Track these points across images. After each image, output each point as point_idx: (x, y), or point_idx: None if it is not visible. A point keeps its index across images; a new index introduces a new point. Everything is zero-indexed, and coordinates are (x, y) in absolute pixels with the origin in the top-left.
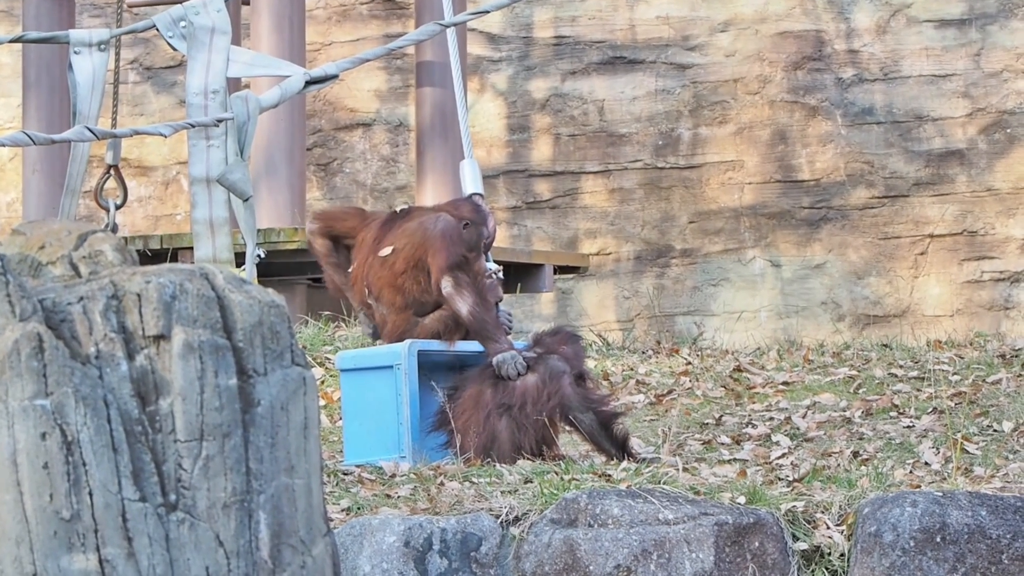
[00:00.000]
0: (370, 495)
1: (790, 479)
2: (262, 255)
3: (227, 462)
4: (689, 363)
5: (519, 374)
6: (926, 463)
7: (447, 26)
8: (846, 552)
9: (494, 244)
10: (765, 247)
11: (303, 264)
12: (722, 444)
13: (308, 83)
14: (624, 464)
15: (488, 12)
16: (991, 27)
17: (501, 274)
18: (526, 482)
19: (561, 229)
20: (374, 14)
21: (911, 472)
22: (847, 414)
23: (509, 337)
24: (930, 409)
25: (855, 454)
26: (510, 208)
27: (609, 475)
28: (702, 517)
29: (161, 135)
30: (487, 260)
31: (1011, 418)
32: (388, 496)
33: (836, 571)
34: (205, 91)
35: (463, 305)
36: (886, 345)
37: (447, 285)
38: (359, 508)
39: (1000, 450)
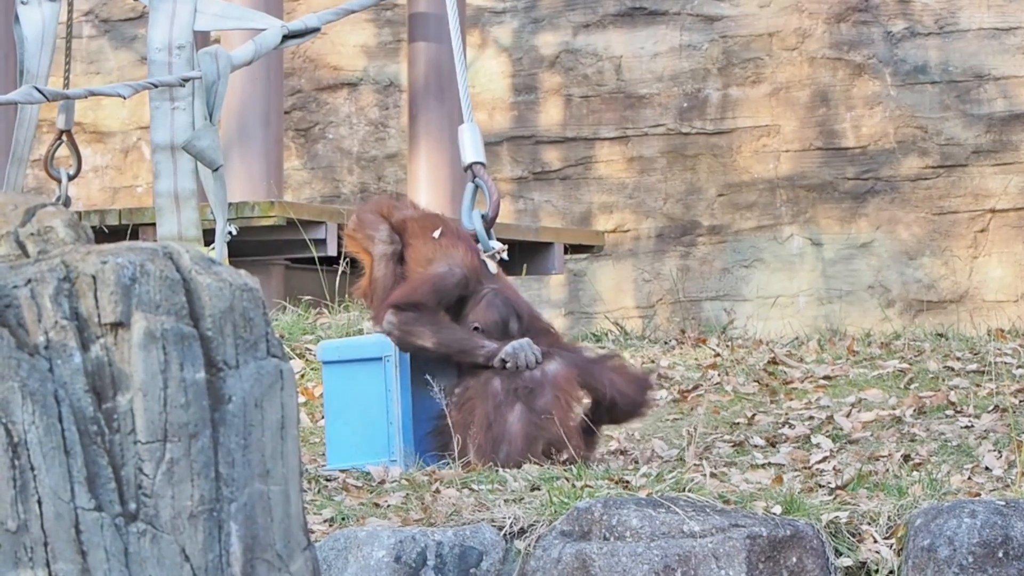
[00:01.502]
0: (356, 504)
1: (832, 486)
2: (233, 232)
3: (194, 466)
4: (718, 355)
5: (537, 361)
6: (986, 468)
7: None
8: (896, 569)
9: (497, 220)
10: (804, 223)
11: (280, 243)
12: (755, 446)
13: (286, 37)
14: (644, 469)
15: None
16: None
17: (505, 254)
18: (533, 489)
19: (572, 203)
20: None
21: (969, 478)
22: (897, 413)
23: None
24: (991, 407)
25: (906, 458)
26: (515, 179)
27: (627, 481)
28: (732, 529)
29: (120, 96)
30: (490, 238)
31: None
32: (376, 505)
33: None
34: (169, 46)
35: (424, 340)
36: (941, 334)
37: (389, 323)
38: (344, 518)
39: None
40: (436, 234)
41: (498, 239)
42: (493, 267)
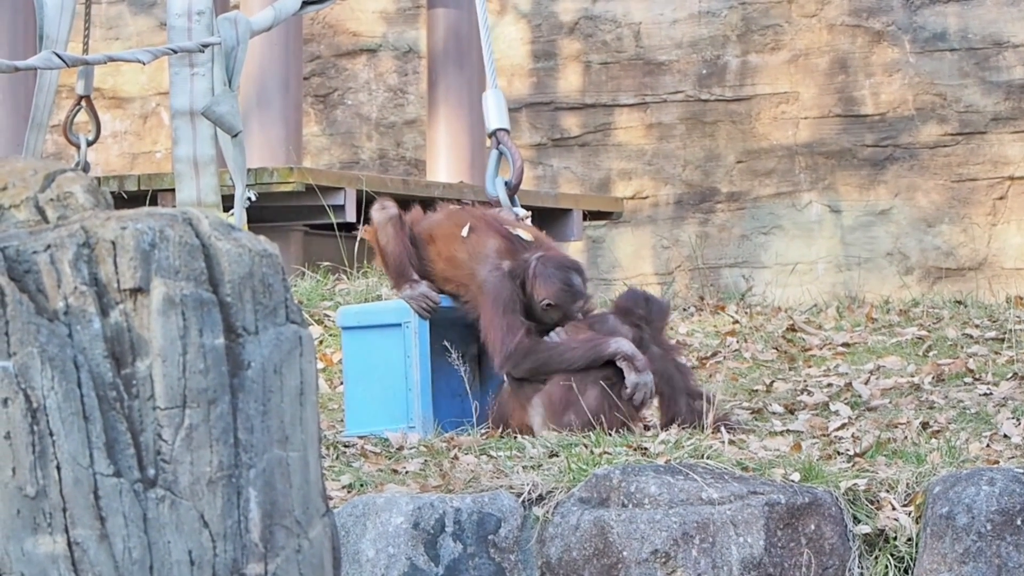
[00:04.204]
0: (374, 470)
1: (851, 454)
2: (253, 198)
3: (213, 432)
4: (736, 322)
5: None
6: (1005, 436)
7: None
8: (914, 536)
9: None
10: (823, 190)
11: (299, 209)
12: (774, 414)
13: (305, 3)
14: (662, 436)
15: None
16: None
17: (528, 221)
18: (551, 456)
19: (591, 169)
20: None
21: (988, 446)
22: (915, 380)
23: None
24: (1010, 375)
25: (924, 425)
26: (534, 145)
27: (645, 448)
28: (751, 496)
29: (139, 62)
30: (514, 205)
31: None
32: (395, 471)
33: (903, 557)
34: (189, 12)
35: (553, 367)
36: (960, 302)
37: (519, 373)
38: (362, 485)
39: None
40: (464, 232)
41: (522, 206)
42: (526, 235)
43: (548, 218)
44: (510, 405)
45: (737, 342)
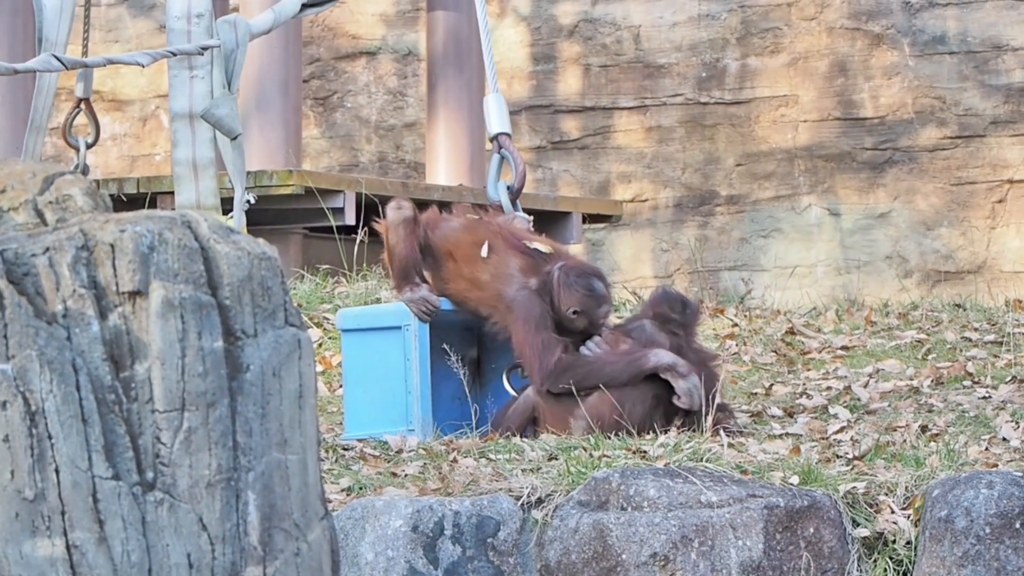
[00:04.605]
0: (374, 473)
1: (850, 457)
2: (252, 201)
3: (211, 435)
4: (735, 324)
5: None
6: (1004, 439)
7: None
8: (913, 540)
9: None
10: (822, 193)
11: (298, 211)
12: (773, 417)
13: (305, 6)
14: (662, 439)
15: None
16: None
17: (531, 226)
18: (550, 459)
19: (591, 172)
20: None
21: (987, 449)
22: (915, 383)
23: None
24: (1009, 378)
25: (923, 428)
26: (534, 148)
27: (644, 451)
28: (750, 499)
29: (138, 65)
30: (516, 209)
31: None
32: (394, 474)
33: (902, 561)
34: (188, 15)
35: (591, 382)
36: (959, 305)
37: (560, 390)
38: (361, 488)
39: None
40: (484, 252)
41: (524, 210)
42: (544, 248)
43: (547, 221)
44: (546, 418)
45: (736, 345)
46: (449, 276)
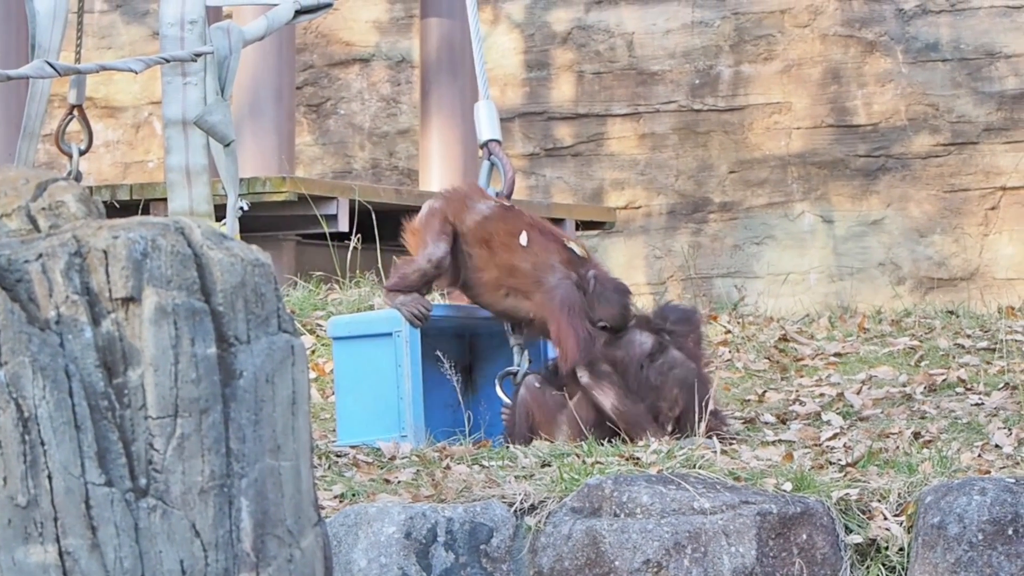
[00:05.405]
0: (367, 480)
1: (842, 463)
2: (245, 207)
3: (204, 442)
4: (728, 331)
5: None
6: (996, 446)
7: None
8: (905, 546)
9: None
10: (815, 200)
11: (291, 218)
12: (766, 423)
13: (298, 12)
14: (655, 446)
15: None
16: None
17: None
18: (543, 466)
19: (584, 179)
20: None
21: (980, 456)
22: (907, 390)
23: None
24: (1001, 385)
25: (916, 435)
26: (527, 155)
27: (637, 458)
28: (743, 506)
29: (132, 71)
30: None
31: None
32: (387, 481)
33: (894, 567)
34: (181, 21)
35: (605, 401)
36: (952, 312)
37: (584, 376)
38: (354, 495)
39: None
40: (523, 240)
41: None
42: (579, 250)
43: None
44: (537, 415)
45: (729, 352)
46: (481, 264)
